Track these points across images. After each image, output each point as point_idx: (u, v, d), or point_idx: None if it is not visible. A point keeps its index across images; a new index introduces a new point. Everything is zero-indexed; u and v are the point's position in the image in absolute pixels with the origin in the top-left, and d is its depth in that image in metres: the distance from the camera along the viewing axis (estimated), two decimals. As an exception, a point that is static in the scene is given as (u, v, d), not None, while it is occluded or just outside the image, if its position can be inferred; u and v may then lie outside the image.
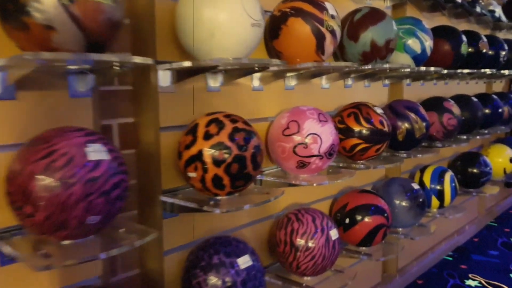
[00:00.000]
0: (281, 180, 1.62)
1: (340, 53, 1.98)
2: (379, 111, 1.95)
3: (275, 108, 1.77)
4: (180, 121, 1.39)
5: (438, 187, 2.59)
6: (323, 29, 1.53)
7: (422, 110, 2.23)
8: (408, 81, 2.62)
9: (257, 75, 1.64)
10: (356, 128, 1.89)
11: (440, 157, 3.08)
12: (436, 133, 2.50)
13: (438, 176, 2.61)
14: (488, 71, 2.82)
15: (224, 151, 1.23)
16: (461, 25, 3.11)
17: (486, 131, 3.11)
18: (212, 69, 1.38)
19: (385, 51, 1.90)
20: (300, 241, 1.65)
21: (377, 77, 2.33)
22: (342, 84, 2.14)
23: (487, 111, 3.07)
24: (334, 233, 1.70)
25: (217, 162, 1.23)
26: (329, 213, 2.15)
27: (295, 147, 1.58)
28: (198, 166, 1.24)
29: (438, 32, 2.48)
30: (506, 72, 3.11)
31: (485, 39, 2.77)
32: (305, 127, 1.59)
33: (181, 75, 1.37)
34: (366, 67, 1.87)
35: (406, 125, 2.16)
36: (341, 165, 1.95)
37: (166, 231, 1.38)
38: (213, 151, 1.23)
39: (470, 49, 2.68)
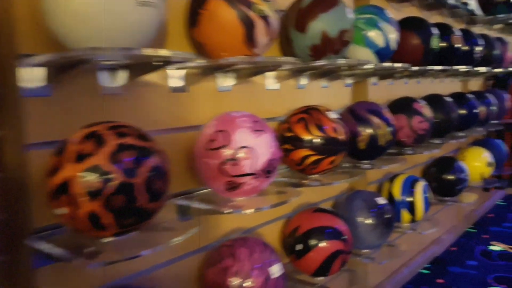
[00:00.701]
0: (206, 206, 1.29)
1: (287, 47, 1.66)
2: (333, 116, 1.63)
3: (207, 114, 1.43)
4: (57, 135, 1.05)
5: (409, 199, 2.29)
6: (253, 15, 1.21)
7: (387, 113, 1.93)
8: (374, 79, 2.32)
9: (175, 73, 1.31)
10: (306, 137, 1.57)
11: (413, 163, 2.80)
12: (406, 139, 2.21)
13: (409, 187, 2.31)
14: (462, 68, 2.54)
15: (103, 177, 0.89)
16: (434, 18, 2.84)
17: (461, 134, 2.84)
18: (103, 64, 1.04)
19: (339, 44, 1.58)
20: (234, 282, 1.32)
21: (337, 75, 2.02)
22: (294, 84, 1.82)
23: (462, 112, 2.80)
24: (276, 269, 1.37)
25: (92, 194, 0.89)
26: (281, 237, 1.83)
27: (222, 164, 1.25)
28: (67, 200, 0.90)
29: (405, 24, 2.18)
30: (482, 69, 2.84)
31: (458, 33, 2.49)
32: (235, 139, 1.25)
33: (60, 73, 1.03)
34: (316, 63, 1.56)
35: (368, 131, 1.85)
36: (290, 180, 1.63)
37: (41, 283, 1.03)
38: (87, 178, 0.89)
39: (441, 44, 2.40)
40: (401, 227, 2.31)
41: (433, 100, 2.52)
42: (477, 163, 3.15)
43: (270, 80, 1.69)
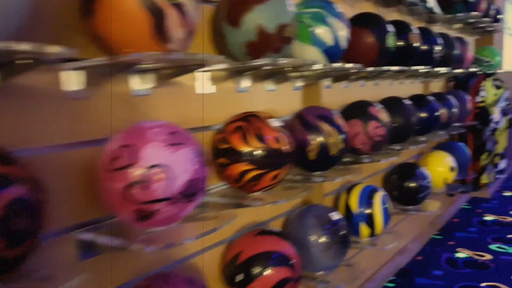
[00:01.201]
0: (113, 240, 1.04)
1: (221, 44, 1.44)
2: (276, 124, 1.42)
3: (120, 124, 1.18)
4: None
5: (368, 211, 2.10)
6: (162, 2, 0.98)
7: (338, 119, 1.73)
8: (327, 82, 2.12)
9: (72, 75, 1.05)
10: (244, 149, 1.35)
11: (373, 171, 2.62)
12: (362, 146, 2.02)
13: (367, 198, 2.13)
14: (421, 68, 2.39)
15: None
16: (391, 15, 2.69)
17: (422, 138, 2.69)
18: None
19: (278, 40, 1.37)
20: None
21: (284, 77, 1.82)
22: (233, 87, 1.60)
23: (422, 115, 2.65)
24: (204, 312, 1.14)
25: None
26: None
27: (128, 187, 1.00)
28: None
29: (358, 20, 2.00)
30: (443, 70, 2.70)
31: (416, 31, 2.34)
32: (145, 156, 1.01)
33: None
34: (253, 63, 1.34)
35: (319, 139, 1.65)
36: (227, 201, 1.40)
37: None
38: None
39: (399, 42, 2.23)
40: (360, 242, 2.12)
41: (391, 103, 2.35)
42: (440, 168, 3.01)
43: (203, 82, 1.46)
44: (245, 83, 1.63)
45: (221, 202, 1.41)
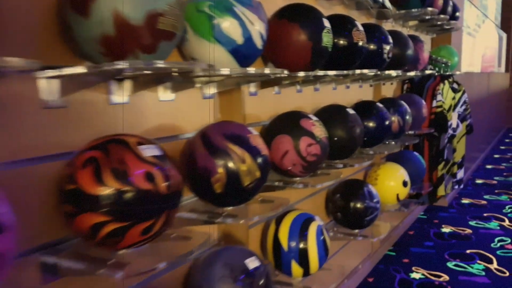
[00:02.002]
0: None
1: (69, 39, 1.02)
2: (149, 152, 1.01)
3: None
4: None
5: (301, 246, 1.73)
6: None
7: (255, 138, 1.34)
8: (252, 88, 1.74)
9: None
10: (96, 192, 0.94)
11: (314, 190, 2.26)
12: (292, 167, 1.65)
13: (300, 229, 1.76)
14: (366, 72, 2.04)
15: None
16: (335, 9, 2.33)
17: (370, 152, 2.35)
18: None
19: (148, 35, 0.96)
20: None
21: (189, 82, 1.41)
22: (104, 98, 1.18)
23: (371, 124, 2.31)
24: None
25: None
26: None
27: None
28: None
29: (286, 13, 1.63)
30: (393, 73, 2.37)
31: (360, 28, 1.98)
32: None
33: None
34: (111, 67, 0.92)
35: (226, 166, 1.25)
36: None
37: None
38: None
39: (339, 41, 1.87)
40: (292, 284, 1.74)
41: (332, 113, 1.99)
42: (392, 182, 2.69)
43: (48, 92, 1.03)
44: (125, 92, 1.21)
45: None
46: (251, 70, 1.28)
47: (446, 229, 3.93)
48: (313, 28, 1.61)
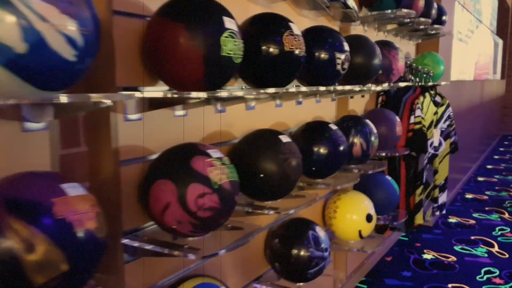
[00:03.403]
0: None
1: None
2: None
3: None
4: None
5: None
6: None
7: (75, 202, 0.81)
8: (130, 107, 1.21)
9: None
10: None
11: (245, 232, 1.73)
12: (178, 226, 1.12)
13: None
14: (305, 89, 1.50)
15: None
16: (278, 9, 1.79)
17: (321, 185, 1.82)
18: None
19: None
20: None
21: None
22: None
23: (321, 151, 1.78)
24: None
25: None
26: None
27: None
28: None
29: (167, 8, 1.10)
30: (347, 87, 1.83)
31: (296, 32, 1.45)
32: None
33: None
34: None
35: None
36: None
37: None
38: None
39: (267, 48, 1.35)
40: None
41: (259, 141, 1.47)
42: (354, 215, 2.15)
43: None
44: None
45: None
46: (50, 96, 0.74)
47: (428, 255, 3.38)
48: (206, 30, 1.08)
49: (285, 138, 1.49)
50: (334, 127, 1.85)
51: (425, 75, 2.98)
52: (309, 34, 1.74)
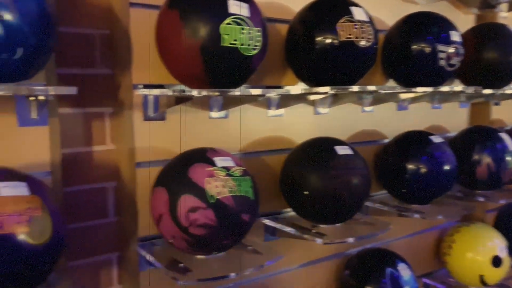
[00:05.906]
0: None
1: None
2: None
3: None
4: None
5: None
6: None
7: None
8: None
9: None
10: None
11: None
12: (173, 240, 0.93)
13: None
14: (371, 88, 1.11)
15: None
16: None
17: (411, 210, 1.35)
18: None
19: None
20: None
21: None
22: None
23: (415, 169, 1.33)
24: None
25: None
26: None
27: None
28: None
29: None
30: (484, 91, 1.30)
31: (359, 17, 1.09)
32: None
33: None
34: None
35: None
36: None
37: None
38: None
39: (319, 39, 1.05)
40: None
41: (316, 150, 1.16)
42: (475, 256, 1.57)
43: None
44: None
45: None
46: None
47: None
48: (202, 17, 0.87)
49: (343, 150, 1.14)
50: (437, 139, 1.36)
51: None
52: (407, 23, 1.33)
